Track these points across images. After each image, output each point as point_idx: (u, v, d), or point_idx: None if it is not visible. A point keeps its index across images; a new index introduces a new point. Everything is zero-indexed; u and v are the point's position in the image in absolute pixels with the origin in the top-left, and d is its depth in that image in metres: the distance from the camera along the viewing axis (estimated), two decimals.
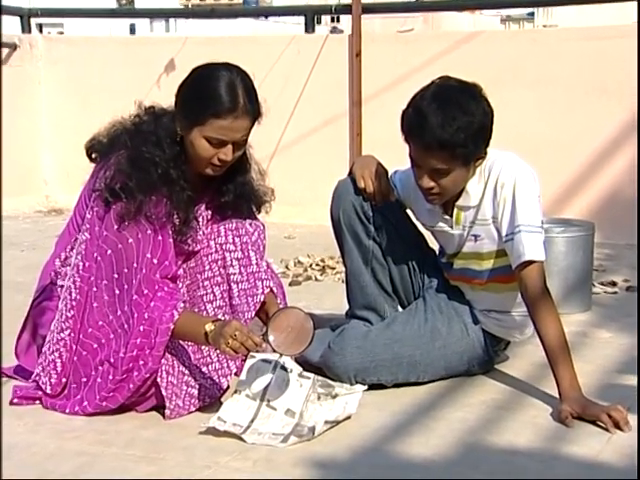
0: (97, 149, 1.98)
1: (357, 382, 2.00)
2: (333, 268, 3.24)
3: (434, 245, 2.22)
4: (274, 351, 1.79)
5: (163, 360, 1.90)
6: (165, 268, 1.90)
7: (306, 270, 3.24)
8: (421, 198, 2.02)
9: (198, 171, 1.94)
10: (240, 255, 2.00)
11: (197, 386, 1.93)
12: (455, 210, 2.04)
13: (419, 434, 1.82)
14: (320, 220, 3.56)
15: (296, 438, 1.77)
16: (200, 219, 2.02)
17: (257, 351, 1.86)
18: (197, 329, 1.85)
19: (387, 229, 2.11)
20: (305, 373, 1.92)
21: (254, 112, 1.88)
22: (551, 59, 3.78)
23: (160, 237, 1.90)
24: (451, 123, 1.85)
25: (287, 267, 3.28)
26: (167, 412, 1.89)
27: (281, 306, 1.99)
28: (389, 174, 2.11)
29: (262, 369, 1.88)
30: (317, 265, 3.29)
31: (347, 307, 2.22)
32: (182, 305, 1.89)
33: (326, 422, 1.81)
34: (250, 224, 2.05)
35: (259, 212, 2.11)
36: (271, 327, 1.78)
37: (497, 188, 1.96)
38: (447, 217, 2.06)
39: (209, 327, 1.83)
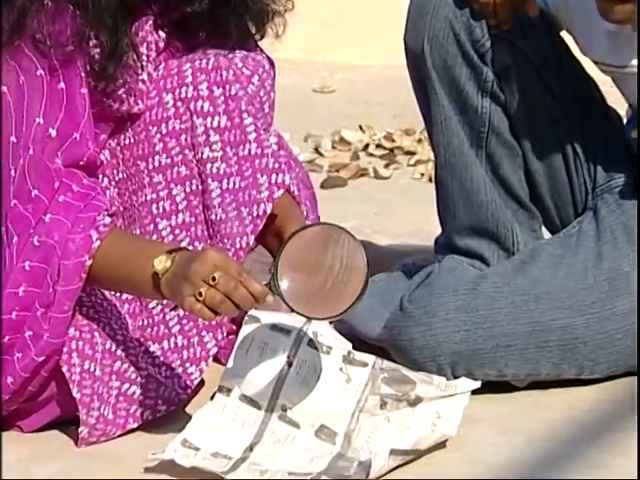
0: None
1: (457, 376, 2.04)
2: (411, 153, 3.28)
3: (620, 106, 2.23)
4: (292, 311, 1.79)
5: (72, 330, 1.93)
6: (74, 146, 1.94)
7: (357, 157, 3.28)
8: (593, 11, 2.03)
9: None
10: (225, 122, 2.01)
11: (141, 381, 1.96)
12: None
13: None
14: (384, 56, 3.57)
15: None
16: (143, 48, 2.03)
17: (257, 310, 1.88)
18: (138, 267, 1.87)
19: (521, 76, 2.14)
20: (357, 355, 1.94)
21: None
22: None
23: (62, 84, 1.92)
24: None
25: (318, 150, 3.35)
26: (83, 432, 1.93)
27: (308, 223, 2.01)
28: None
29: (271, 345, 1.90)
30: (378, 147, 3.35)
31: (438, 231, 2.25)
32: (108, 220, 1.92)
33: (393, 453, 1.84)
34: (244, 60, 2.05)
35: (262, 36, 2.12)
36: (286, 263, 1.78)
37: None
38: None
39: (161, 263, 1.84)
